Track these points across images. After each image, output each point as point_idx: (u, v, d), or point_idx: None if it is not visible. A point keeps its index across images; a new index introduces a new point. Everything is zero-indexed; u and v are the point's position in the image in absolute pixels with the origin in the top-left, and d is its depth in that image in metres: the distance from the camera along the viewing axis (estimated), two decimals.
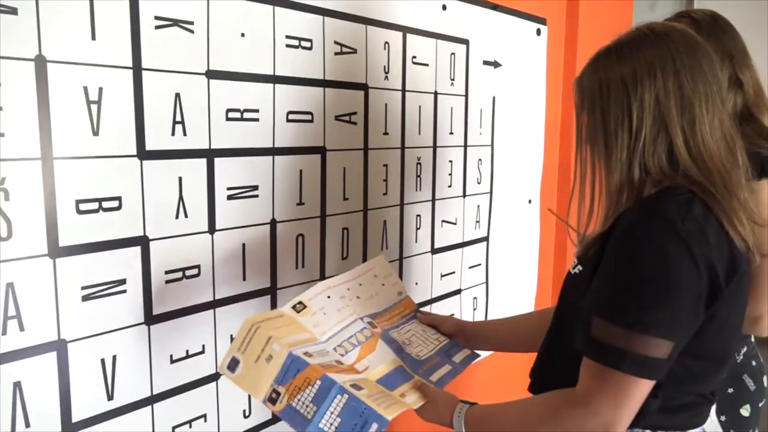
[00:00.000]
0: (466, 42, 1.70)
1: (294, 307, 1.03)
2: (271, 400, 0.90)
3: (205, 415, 1.15)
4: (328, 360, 0.97)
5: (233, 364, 0.92)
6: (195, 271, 1.10)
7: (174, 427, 1.10)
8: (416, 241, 1.61)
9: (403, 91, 1.51)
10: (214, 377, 1.16)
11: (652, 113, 0.87)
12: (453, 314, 1.75)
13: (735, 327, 0.94)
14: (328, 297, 1.09)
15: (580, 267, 0.98)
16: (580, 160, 0.97)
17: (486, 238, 1.89)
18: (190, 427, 1.12)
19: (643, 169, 0.90)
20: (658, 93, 0.87)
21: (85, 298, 0.95)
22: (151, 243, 1.03)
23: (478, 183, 1.82)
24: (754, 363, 1.40)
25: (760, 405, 1.41)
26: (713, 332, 0.87)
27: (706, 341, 0.87)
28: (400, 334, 1.17)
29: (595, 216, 0.97)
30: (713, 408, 0.97)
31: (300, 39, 1.23)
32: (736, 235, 0.87)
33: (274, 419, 1.27)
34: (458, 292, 1.79)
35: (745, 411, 1.39)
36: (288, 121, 1.23)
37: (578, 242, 0.99)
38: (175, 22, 1.03)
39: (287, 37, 1.21)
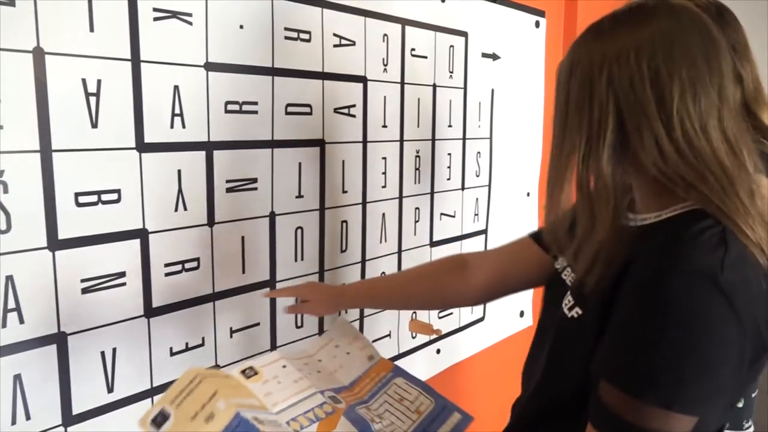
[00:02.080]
0: (464, 34, 1.69)
1: (243, 372, 0.90)
2: None
3: None
4: None
5: (160, 419, 0.73)
6: (194, 264, 1.10)
7: None
8: (415, 234, 1.61)
9: (402, 83, 1.50)
10: None
11: (616, 106, 0.74)
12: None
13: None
14: (284, 366, 0.96)
15: (578, 310, 0.81)
16: (554, 155, 0.82)
17: (484, 231, 1.89)
18: None
19: (622, 171, 0.76)
20: (630, 79, 0.73)
21: (85, 290, 0.95)
22: (150, 236, 1.03)
23: (477, 176, 1.82)
24: None
25: (753, 396, 1.42)
26: (742, 387, 0.75)
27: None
28: (370, 411, 1.01)
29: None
30: None
31: (299, 31, 1.23)
32: (762, 256, 0.72)
33: None
34: None
35: (739, 402, 1.40)
36: (287, 113, 1.22)
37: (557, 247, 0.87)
38: (174, 14, 1.02)
39: (286, 29, 1.20)
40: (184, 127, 1.06)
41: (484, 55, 1.79)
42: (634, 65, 0.73)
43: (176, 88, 1.04)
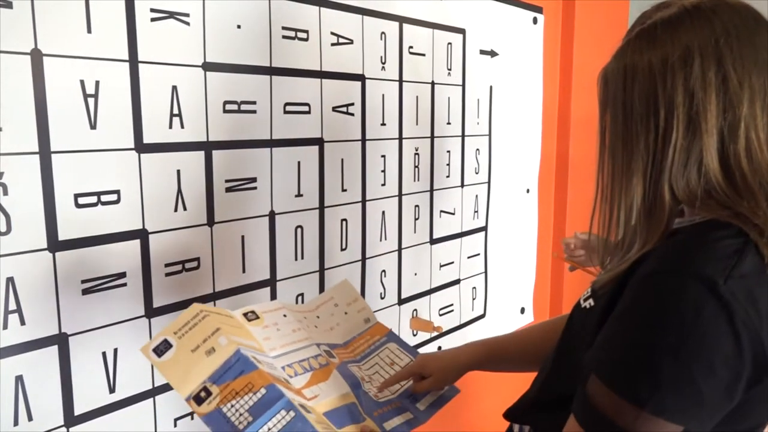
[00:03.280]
0: (462, 31, 1.69)
1: (245, 315, 0.92)
2: (198, 399, 0.74)
3: None
4: (276, 375, 0.83)
5: (163, 348, 0.77)
6: (194, 264, 1.10)
7: (176, 419, 1.10)
8: (415, 232, 1.61)
9: (400, 81, 1.50)
10: None
11: (686, 112, 0.69)
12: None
13: None
14: (284, 315, 0.98)
15: (591, 301, 0.80)
16: (603, 172, 0.78)
17: (484, 228, 1.89)
18: (192, 418, 1.13)
19: (685, 184, 0.71)
20: (694, 85, 0.68)
21: (86, 291, 0.96)
22: (150, 236, 1.03)
23: (476, 173, 1.82)
24: None
25: None
26: (751, 405, 0.68)
27: (739, 412, 0.68)
28: (361, 370, 1.04)
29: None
30: None
31: (296, 30, 1.23)
32: None
33: None
34: (457, 282, 1.80)
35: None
36: (285, 112, 1.23)
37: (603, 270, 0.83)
38: (171, 15, 1.02)
39: (283, 28, 1.20)
40: (182, 127, 1.06)
41: (482, 52, 1.79)
42: (699, 70, 0.68)
43: (174, 88, 1.04)
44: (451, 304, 1.78)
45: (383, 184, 1.49)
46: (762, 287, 0.64)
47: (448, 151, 1.70)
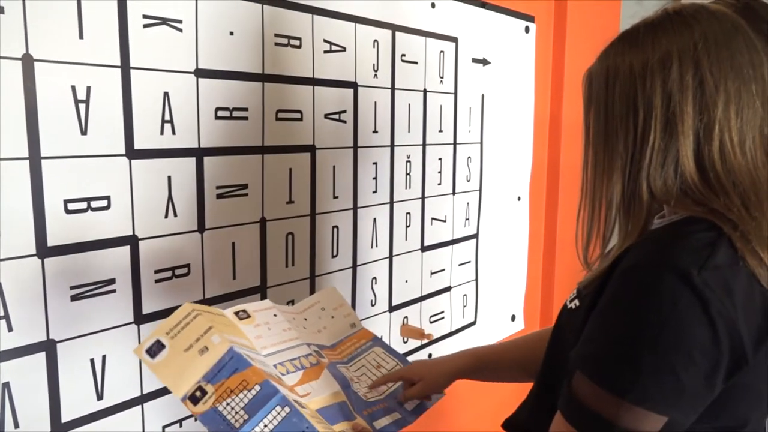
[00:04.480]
0: (455, 40, 1.70)
1: (237, 314, 0.93)
2: (194, 398, 0.75)
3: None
4: (269, 371, 0.84)
5: (156, 349, 0.77)
6: (184, 270, 1.10)
7: (164, 427, 1.10)
8: (406, 239, 1.62)
9: (393, 89, 1.51)
10: None
11: (663, 114, 0.71)
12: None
13: (764, 393, 0.74)
14: (275, 315, 1.00)
15: (577, 302, 0.82)
16: (587, 169, 0.82)
17: (475, 236, 1.90)
18: (181, 426, 1.12)
19: (662, 183, 0.73)
20: (672, 88, 0.71)
21: (74, 297, 0.95)
22: (140, 242, 1.02)
23: (468, 180, 1.83)
24: None
25: None
26: (734, 398, 0.70)
27: (723, 405, 0.70)
28: (349, 371, 1.06)
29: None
30: None
31: (289, 37, 1.23)
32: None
33: None
34: (448, 289, 1.80)
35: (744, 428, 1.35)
36: (277, 119, 1.23)
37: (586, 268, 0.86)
38: (164, 21, 1.02)
39: (276, 35, 1.20)
40: (174, 133, 1.05)
41: (475, 61, 1.79)
42: (677, 73, 0.71)
43: (166, 94, 1.04)
44: (442, 312, 1.78)
45: (375, 192, 1.49)
46: (736, 278, 0.67)
47: (440, 159, 1.70)
